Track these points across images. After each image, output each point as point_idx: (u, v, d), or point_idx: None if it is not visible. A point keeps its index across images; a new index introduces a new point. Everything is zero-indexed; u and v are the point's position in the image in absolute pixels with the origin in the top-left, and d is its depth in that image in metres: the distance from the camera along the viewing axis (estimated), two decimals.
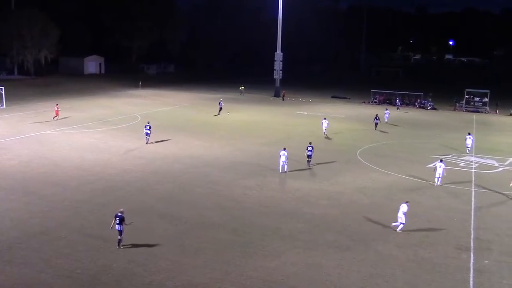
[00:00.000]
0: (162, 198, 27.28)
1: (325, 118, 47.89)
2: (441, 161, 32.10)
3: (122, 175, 31.24)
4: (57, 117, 49.83)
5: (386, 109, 57.75)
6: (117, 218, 20.42)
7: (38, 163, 33.55)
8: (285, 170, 32.93)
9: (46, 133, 43.60)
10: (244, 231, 22.94)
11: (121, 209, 20.88)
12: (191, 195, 27.98)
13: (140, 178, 30.87)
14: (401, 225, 23.25)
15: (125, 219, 20.56)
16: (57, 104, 52.50)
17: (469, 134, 42.32)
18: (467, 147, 41.14)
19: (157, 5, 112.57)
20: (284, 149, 33.26)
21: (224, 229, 23.17)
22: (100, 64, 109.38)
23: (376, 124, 51.07)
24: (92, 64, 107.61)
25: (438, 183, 31.43)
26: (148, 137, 40.59)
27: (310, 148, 34.93)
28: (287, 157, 32.80)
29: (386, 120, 54.89)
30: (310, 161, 35.05)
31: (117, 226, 20.43)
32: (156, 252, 20.45)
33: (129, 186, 29.18)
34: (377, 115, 52.13)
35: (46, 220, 23.38)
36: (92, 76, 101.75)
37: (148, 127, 40.78)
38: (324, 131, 46.61)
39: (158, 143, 40.90)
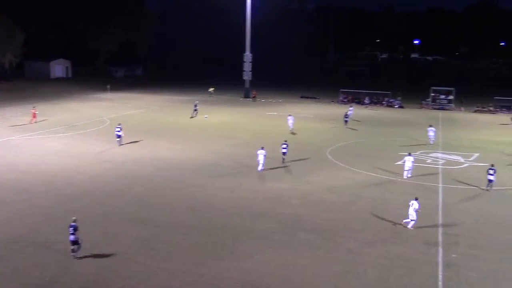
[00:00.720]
0: (133, 202, 27.03)
1: (290, 115, 49.70)
2: (409, 154, 33.32)
3: (92, 180, 30.83)
4: (34, 121, 49.61)
5: (350, 106, 61.21)
6: (71, 228, 19.64)
7: (5, 169, 32.77)
8: (262, 168, 33.56)
9: (13, 139, 42.64)
10: (216, 233, 22.93)
11: (74, 218, 20.16)
12: (162, 198, 27.81)
13: (110, 182, 30.51)
14: (412, 222, 23.68)
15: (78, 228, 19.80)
16: (34, 107, 51.83)
17: (430, 126, 44.83)
18: (430, 138, 43.82)
19: (125, 7, 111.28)
20: (262, 148, 33.91)
21: (196, 231, 23.11)
22: (67, 67, 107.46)
23: (346, 121, 52.98)
24: (59, 68, 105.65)
25: (409, 175, 32.60)
26: (119, 139, 40.46)
27: (284, 146, 36.10)
28: (265, 156, 33.54)
29: (349, 115, 56.71)
30: (284, 158, 36.07)
31: (70, 237, 19.66)
32: (128, 256, 20.26)
33: (98, 191, 28.81)
34: (346, 113, 54.26)
35: (15, 228, 22.89)
36: (59, 80, 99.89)
37: (118, 129, 40.66)
38: (290, 127, 48.42)
39: (128, 146, 40.49)
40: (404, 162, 32.94)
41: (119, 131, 40.57)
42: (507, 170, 34.53)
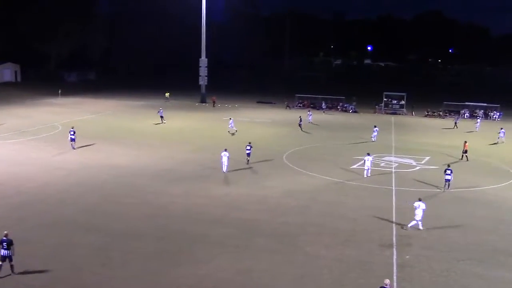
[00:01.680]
0: (85, 210, 26.32)
1: (230, 118, 52.81)
2: (368, 154, 35.24)
3: (42, 188, 29.85)
4: None
5: (309, 111, 62.77)
6: (4, 243, 18.60)
7: None
8: (226, 170, 34.40)
9: None
10: (173, 240, 22.62)
11: (6, 232, 19.03)
12: (116, 205, 27.21)
13: (62, 190, 29.63)
14: (419, 223, 24.46)
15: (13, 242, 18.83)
16: None
17: (375, 126, 49.99)
18: (372, 137, 48.49)
19: (76, 11, 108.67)
20: (225, 150, 34.86)
21: (152, 238, 22.72)
22: (16, 71, 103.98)
23: (300, 125, 54.68)
24: (7, 72, 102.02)
25: (368, 175, 34.43)
26: (73, 143, 40.43)
27: (248, 147, 37.52)
28: (229, 158, 34.42)
29: (310, 120, 59.35)
30: (248, 159, 37.41)
31: (3, 252, 18.58)
32: (81, 266, 19.69)
33: (50, 198, 27.91)
34: (300, 117, 55.95)
35: None
36: (7, 84, 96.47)
37: (72, 132, 40.56)
38: (229, 129, 51.09)
39: (82, 152, 39.50)
40: (364, 161, 35.00)
41: (72, 135, 40.48)
42: (455, 172, 35.63)
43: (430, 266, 20.75)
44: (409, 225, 24.55)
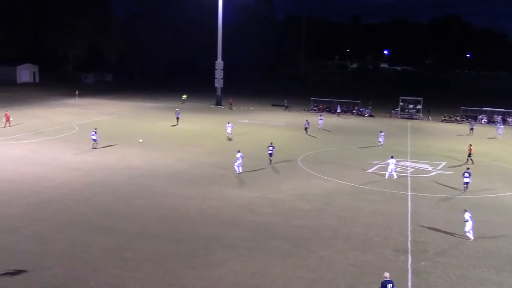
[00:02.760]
0: (101, 210, 26.51)
1: (229, 123, 50.54)
2: (392, 157, 35.64)
3: (59, 188, 30.13)
4: (8, 124, 49.54)
5: (320, 115, 60.58)
6: None
7: None
8: (240, 171, 34.67)
9: None
10: (187, 241, 22.67)
11: None
12: (131, 206, 27.37)
13: (78, 190, 29.88)
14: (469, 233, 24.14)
15: None
16: (7, 111, 51.03)
17: (381, 131, 49.16)
18: (380, 142, 47.94)
19: (93, 13, 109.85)
20: (239, 151, 35.10)
21: (166, 240, 22.79)
22: (34, 72, 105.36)
23: (306, 129, 53.92)
24: (25, 73, 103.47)
25: (395, 177, 34.90)
26: (95, 143, 41.16)
27: (271, 148, 38.49)
28: (242, 158, 34.88)
29: (320, 125, 57.68)
30: (271, 159, 38.30)
31: None
32: (96, 266, 19.82)
33: (66, 199, 28.17)
34: (307, 120, 55.31)
35: None
36: (25, 85, 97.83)
37: (93, 133, 41.35)
38: (228, 133, 49.30)
39: (97, 153, 39.82)
40: (388, 164, 35.45)
41: (93, 135, 41.25)
42: (472, 178, 35.22)
43: (446, 273, 20.51)
44: (467, 234, 24.08)
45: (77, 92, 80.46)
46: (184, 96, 79.97)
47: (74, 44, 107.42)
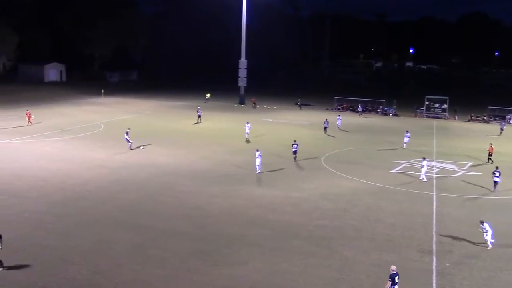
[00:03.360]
0: (125, 207, 26.85)
1: (247, 123, 48.53)
2: (424, 158, 35.48)
3: (84, 185, 30.62)
4: (29, 124, 50.19)
5: (338, 115, 59.09)
6: None
7: None
8: (259, 170, 34.56)
9: (5, 143, 42.37)
10: (210, 240, 22.80)
11: None
12: (155, 204, 27.64)
13: (103, 187, 30.32)
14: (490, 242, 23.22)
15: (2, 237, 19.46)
16: (27, 110, 52.05)
17: (407, 131, 46.83)
18: (405, 142, 45.88)
19: (118, 13, 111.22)
20: (257, 150, 34.98)
21: (189, 237, 22.96)
22: (61, 71, 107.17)
23: (326, 128, 53.14)
24: (53, 72, 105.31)
25: (425, 180, 34.32)
26: (130, 144, 41.05)
27: (295, 146, 38.78)
28: (261, 157, 34.74)
29: (338, 125, 56.38)
30: (295, 157, 38.64)
31: None
32: (121, 262, 20.09)
33: (91, 195, 28.62)
34: (326, 119, 54.44)
35: (5, 232, 22.54)
36: (53, 84, 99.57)
37: (126, 133, 41.44)
38: (246, 135, 47.66)
39: (122, 151, 40.29)
40: (422, 166, 35.00)
41: (126, 135, 41.36)
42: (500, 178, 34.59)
43: (472, 275, 20.20)
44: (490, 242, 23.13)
45: (102, 91, 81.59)
46: (208, 95, 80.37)
47: (100, 44, 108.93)
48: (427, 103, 72.72)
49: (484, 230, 22.90)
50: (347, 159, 40.87)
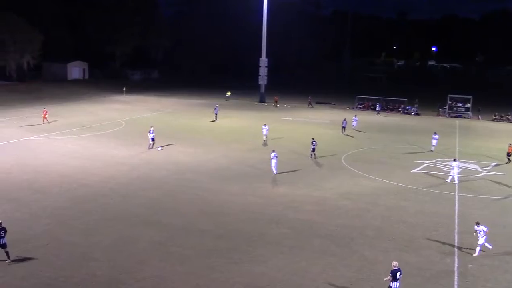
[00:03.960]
0: (146, 204, 27.06)
1: (265, 124, 46.15)
2: (454, 160, 34.64)
3: (106, 182, 30.95)
4: (45, 122, 50.27)
5: (355, 116, 56.82)
6: (1, 232, 19.34)
7: (20, 169, 33.10)
8: (275, 171, 33.95)
9: (28, 139, 43.08)
10: (229, 237, 22.84)
11: (0, 221, 19.73)
12: (176, 201, 27.81)
13: (124, 184, 30.61)
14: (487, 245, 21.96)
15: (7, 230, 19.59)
16: (44, 108, 52.46)
17: (435, 133, 44.99)
18: (433, 145, 43.92)
19: (140, 11, 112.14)
20: (273, 151, 34.41)
21: (209, 235, 23.04)
22: (84, 69, 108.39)
23: (344, 128, 52.08)
24: (76, 70, 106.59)
25: (456, 182, 33.35)
26: (152, 142, 40.64)
27: (314, 143, 38.88)
28: (277, 157, 34.03)
29: (354, 126, 54.30)
30: (314, 154, 38.91)
31: (2, 240, 19.33)
32: (141, 259, 20.26)
33: (112, 192, 28.91)
34: (345, 119, 53.26)
35: (28, 228, 23.03)
36: (76, 81, 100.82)
37: (151, 131, 40.90)
38: (264, 137, 44.96)
39: (142, 149, 40.59)
40: (451, 168, 34.27)
41: (151, 133, 40.87)
42: None
43: (495, 277, 19.87)
44: (488, 246, 22.01)
45: (124, 89, 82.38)
46: (228, 93, 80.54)
47: (122, 42, 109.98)
48: (449, 102, 71.70)
49: (479, 233, 21.59)
50: (367, 159, 40.55)
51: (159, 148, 40.63)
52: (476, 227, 21.78)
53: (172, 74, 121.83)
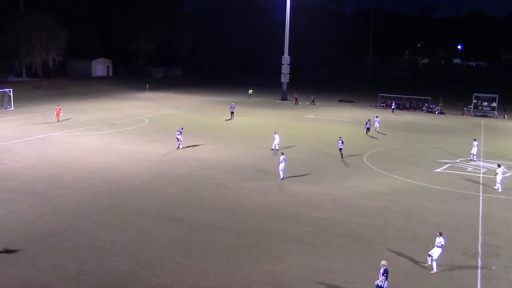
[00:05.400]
0: (168, 200, 27.29)
1: (275, 133, 42.00)
2: (499, 166, 32.17)
3: (128, 178, 31.30)
4: (58, 119, 50.47)
5: (377, 116, 54.21)
6: None
7: (45, 165, 33.69)
8: (282, 176, 32.13)
9: (53, 135, 43.81)
10: (250, 234, 22.89)
11: None
12: (197, 198, 27.98)
13: (146, 180, 30.91)
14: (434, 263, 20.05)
15: None
16: (58, 105, 53.17)
17: (474, 139, 41.02)
18: (472, 153, 39.71)
19: (163, 9, 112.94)
20: (282, 154, 32.96)
21: (230, 232, 23.13)
22: (108, 66, 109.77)
23: (368, 129, 49.97)
24: (100, 67, 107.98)
25: (501, 189, 31.18)
26: (179, 143, 39.83)
27: (340, 142, 38.52)
28: (285, 161, 32.16)
29: (376, 127, 52.13)
30: (342, 153, 38.42)
31: None
32: (163, 254, 20.44)
33: (135, 188, 29.22)
34: (369, 120, 51.02)
35: (52, 222, 23.44)
36: (100, 78, 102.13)
37: (178, 132, 40.02)
38: (276, 146, 41.00)
39: (164, 145, 40.91)
40: (496, 174, 31.69)
41: (179, 134, 39.98)
42: None
43: None
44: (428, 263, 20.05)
45: (147, 86, 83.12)
46: (250, 91, 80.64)
47: (146, 39, 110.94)
48: (475, 101, 70.52)
49: (437, 244, 19.90)
50: (390, 158, 40.18)
51: (179, 147, 39.87)
52: (437, 239, 20.07)
53: (194, 72, 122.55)
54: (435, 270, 19.76)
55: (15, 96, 60.11)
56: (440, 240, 19.92)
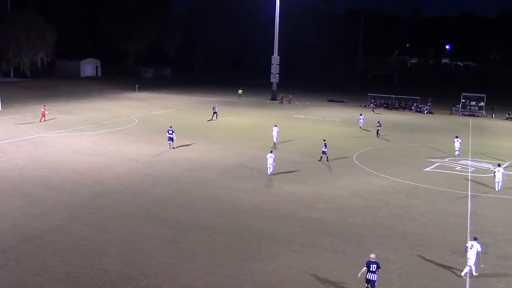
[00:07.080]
0: (157, 201, 27.20)
1: (275, 126, 44.00)
2: (499, 165, 32.34)
3: (118, 178, 31.15)
4: (43, 119, 49.92)
5: (361, 114, 55.93)
6: None
7: (34, 166, 33.44)
8: (271, 172, 32.98)
9: (42, 136, 43.49)
10: (240, 235, 22.89)
11: None
12: (187, 198, 27.91)
13: (136, 181, 30.78)
14: (473, 268, 19.76)
15: None
16: (44, 106, 52.75)
17: (456, 137, 42.53)
18: (456, 150, 41.53)
19: (153, 9, 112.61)
20: (271, 151, 33.73)
21: (220, 232, 23.11)
22: (96, 67, 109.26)
23: (378, 131, 49.80)
24: (88, 67, 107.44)
25: (499, 188, 31.25)
26: (171, 142, 39.63)
27: (323, 145, 37.38)
28: (274, 159, 33.08)
29: (360, 125, 53.60)
30: (327, 157, 37.04)
31: None
32: (152, 255, 20.38)
33: (124, 189, 29.09)
34: (379, 122, 50.88)
35: (42, 224, 23.27)
36: (88, 79, 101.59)
37: (170, 131, 39.87)
38: (274, 139, 43.11)
39: (154, 146, 40.78)
40: (494, 173, 31.74)
41: (171, 134, 39.75)
42: None
43: (507, 277, 19.69)
44: (463, 273, 19.59)
45: (136, 86, 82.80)
46: (240, 91, 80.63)
47: (135, 39, 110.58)
48: (463, 100, 71.14)
49: (469, 246, 19.53)
50: (379, 157, 40.38)
51: (170, 147, 39.90)
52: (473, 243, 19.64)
53: (184, 72, 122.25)
54: (475, 273, 19.56)
55: (3, 97, 59.63)
56: (472, 244, 19.52)
